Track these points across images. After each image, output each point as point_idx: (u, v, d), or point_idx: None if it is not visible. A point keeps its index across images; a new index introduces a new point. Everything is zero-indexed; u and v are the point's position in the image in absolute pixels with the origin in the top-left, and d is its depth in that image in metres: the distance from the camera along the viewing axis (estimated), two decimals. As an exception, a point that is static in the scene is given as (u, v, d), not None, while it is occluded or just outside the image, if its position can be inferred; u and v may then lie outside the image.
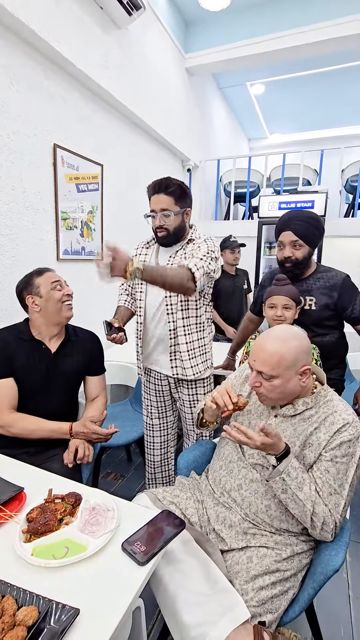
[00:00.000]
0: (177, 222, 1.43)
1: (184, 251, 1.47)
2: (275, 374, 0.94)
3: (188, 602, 0.81)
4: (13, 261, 1.84)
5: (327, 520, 0.90)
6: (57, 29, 1.83)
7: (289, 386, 0.96)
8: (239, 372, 1.27)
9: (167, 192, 1.38)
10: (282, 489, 0.91)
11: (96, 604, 0.68)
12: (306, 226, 1.45)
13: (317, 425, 0.97)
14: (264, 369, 0.95)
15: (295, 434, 0.99)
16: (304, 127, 5.88)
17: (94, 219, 2.43)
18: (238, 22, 3.18)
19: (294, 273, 1.51)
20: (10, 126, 1.75)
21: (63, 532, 0.83)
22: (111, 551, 0.80)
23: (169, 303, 1.47)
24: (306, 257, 1.48)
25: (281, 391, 0.97)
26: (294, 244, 1.46)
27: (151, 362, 1.61)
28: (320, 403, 1.00)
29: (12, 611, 0.63)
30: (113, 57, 2.32)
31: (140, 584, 0.73)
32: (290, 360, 0.94)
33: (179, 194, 1.40)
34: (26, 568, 0.75)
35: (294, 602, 0.93)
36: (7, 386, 1.31)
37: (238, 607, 0.80)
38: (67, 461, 1.23)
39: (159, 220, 1.42)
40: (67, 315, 1.39)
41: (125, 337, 1.48)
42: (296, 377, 0.96)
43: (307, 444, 0.97)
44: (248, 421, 1.11)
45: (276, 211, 3.26)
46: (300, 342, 0.97)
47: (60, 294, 1.36)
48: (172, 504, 1.07)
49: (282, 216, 1.52)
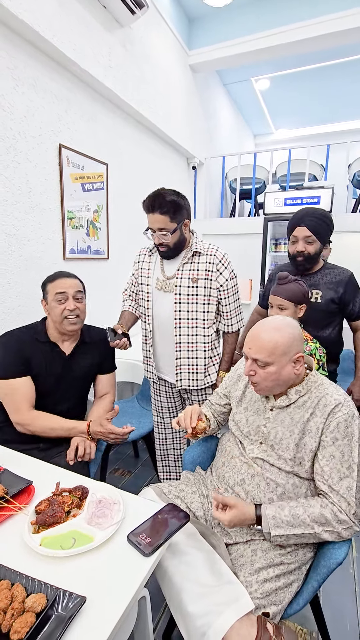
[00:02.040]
0: (175, 238, 1.43)
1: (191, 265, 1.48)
2: (270, 361, 0.96)
3: (193, 593, 0.83)
4: (20, 260, 1.87)
5: (340, 516, 0.89)
6: (61, 30, 1.85)
7: (283, 373, 0.97)
8: (232, 371, 1.29)
9: (162, 212, 1.36)
10: (285, 539, 0.91)
11: (102, 593, 0.70)
12: (319, 223, 1.54)
13: (312, 411, 0.98)
14: (259, 356, 0.97)
15: (293, 423, 1.00)
16: (310, 122, 5.81)
17: (100, 218, 2.44)
18: (242, 18, 3.15)
19: (304, 267, 1.60)
20: (16, 127, 1.77)
21: (70, 524, 0.85)
22: (117, 542, 0.82)
23: (177, 317, 1.50)
24: (317, 252, 1.58)
25: (275, 378, 0.98)
26: (307, 239, 1.55)
27: (159, 370, 1.64)
28: (312, 388, 1.02)
29: (22, 598, 0.65)
30: (117, 56, 2.33)
31: (145, 574, 0.74)
32: (285, 346, 0.96)
33: (174, 210, 1.37)
34: (35, 558, 0.77)
35: (298, 594, 0.94)
36: (26, 385, 1.32)
37: (242, 599, 0.82)
38: (68, 459, 1.24)
39: (158, 239, 1.42)
40: (70, 329, 1.36)
41: (129, 342, 1.49)
42: (290, 365, 0.97)
43: (306, 431, 0.98)
44: (245, 418, 1.11)
45: (282, 207, 3.23)
46: (293, 330, 0.99)
47: (61, 308, 1.32)
48: (178, 498, 1.09)
49: (297, 213, 1.62)
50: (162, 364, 1.62)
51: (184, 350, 1.53)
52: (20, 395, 1.30)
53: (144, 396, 2.22)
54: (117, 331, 1.47)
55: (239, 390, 1.18)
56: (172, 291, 1.49)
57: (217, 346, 1.63)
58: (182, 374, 1.55)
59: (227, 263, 1.49)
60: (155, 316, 1.56)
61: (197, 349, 1.53)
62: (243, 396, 1.16)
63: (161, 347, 1.59)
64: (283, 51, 3.15)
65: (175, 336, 1.51)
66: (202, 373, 1.55)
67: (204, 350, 1.53)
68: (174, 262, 1.52)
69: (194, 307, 1.49)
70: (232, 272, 1.51)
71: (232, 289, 1.51)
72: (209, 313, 1.51)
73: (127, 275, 1.74)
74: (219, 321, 1.58)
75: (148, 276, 1.57)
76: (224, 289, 1.49)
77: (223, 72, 4.31)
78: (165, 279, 1.52)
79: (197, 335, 1.51)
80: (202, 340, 1.52)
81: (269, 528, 0.90)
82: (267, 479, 1.00)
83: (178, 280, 1.48)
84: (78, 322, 1.37)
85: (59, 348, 1.39)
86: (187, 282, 1.47)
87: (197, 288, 1.47)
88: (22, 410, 1.30)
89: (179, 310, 1.49)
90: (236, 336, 1.61)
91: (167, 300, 1.51)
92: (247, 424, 1.09)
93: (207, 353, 1.54)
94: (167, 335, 1.54)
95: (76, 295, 1.36)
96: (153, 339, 1.59)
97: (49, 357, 1.37)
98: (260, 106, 5.28)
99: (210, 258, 1.47)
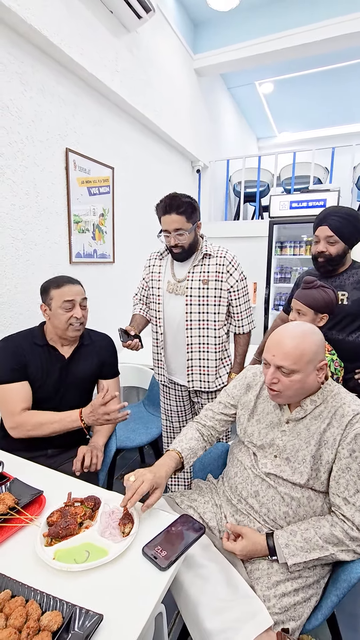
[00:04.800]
0: (190, 238, 1.45)
1: (202, 267, 1.49)
2: (297, 368, 0.91)
3: (210, 609, 0.80)
4: (27, 265, 1.86)
5: (351, 533, 0.86)
6: (69, 35, 1.85)
7: (308, 382, 0.94)
8: (237, 381, 1.20)
9: (179, 212, 1.38)
10: (304, 565, 0.88)
11: (119, 610, 0.68)
12: (344, 222, 1.41)
13: (329, 421, 0.95)
14: (284, 363, 0.92)
15: (310, 434, 0.96)
16: (314, 125, 5.81)
17: (106, 222, 2.44)
18: (246, 22, 3.16)
19: (326, 268, 1.49)
20: (24, 132, 1.77)
21: (83, 536, 0.83)
22: (132, 556, 0.80)
23: (188, 319, 1.50)
24: (340, 254, 1.45)
25: (300, 387, 0.94)
26: (329, 240, 1.44)
27: (171, 373, 1.63)
28: (328, 398, 0.98)
29: (37, 616, 0.63)
30: (123, 60, 2.33)
31: (163, 589, 0.72)
32: (311, 354, 0.92)
33: (190, 211, 1.40)
34: (48, 572, 0.75)
35: (316, 609, 0.91)
36: (21, 389, 1.29)
37: (261, 614, 0.79)
38: (74, 468, 1.20)
39: (174, 240, 1.43)
40: (72, 336, 1.35)
41: (141, 343, 1.49)
42: (314, 373, 0.94)
43: (323, 442, 0.94)
44: (258, 431, 1.06)
45: (287, 210, 3.22)
46: (318, 336, 0.96)
47: (67, 316, 1.30)
48: (190, 508, 1.06)
49: (322, 211, 1.50)
50: (173, 367, 1.61)
51: (195, 351, 1.53)
52: (15, 399, 1.27)
53: (151, 401, 2.19)
54: (129, 332, 1.46)
55: (250, 401, 1.12)
56: (183, 294, 1.50)
57: (228, 348, 1.63)
58: (193, 375, 1.55)
59: (237, 265, 1.51)
60: (167, 319, 1.56)
61: (208, 351, 1.53)
62: (255, 408, 1.10)
63: (172, 350, 1.59)
64: (287, 55, 3.16)
65: (186, 337, 1.52)
66: (213, 375, 1.55)
67: (215, 352, 1.53)
68: (185, 265, 1.53)
69: (205, 308, 1.49)
70: (242, 274, 1.52)
71: (243, 290, 1.53)
72: (219, 314, 1.51)
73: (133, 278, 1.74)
74: (230, 323, 1.57)
75: (159, 279, 1.57)
76: (234, 290, 1.50)
77: (227, 76, 4.32)
78: (177, 282, 1.52)
79: (208, 337, 1.52)
80: (213, 341, 1.52)
81: (285, 558, 0.87)
82: (282, 492, 0.97)
83: (189, 282, 1.49)
84: (82, 328, 1.36)
85: (57, 351, 1.37)
86: (197, 284, 1.48)
87: (207, 290, 1.48)
88: (15, 413, 1.26)
89: (190, 312, 1.49)
90: (248, 337, 1.59)
91: (178, 303, 1.52)
92: (260, 437, 1.05)
93: (218, 354, 1.54)
94: (179, 337, 1.54)
95: (82, 302, 1.34)
96: (164, 341, 1.59)
97: (47, 361, 1.35)
98: (263, 109, 5.29)
99: (220, 260, 1.48)
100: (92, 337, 1.47)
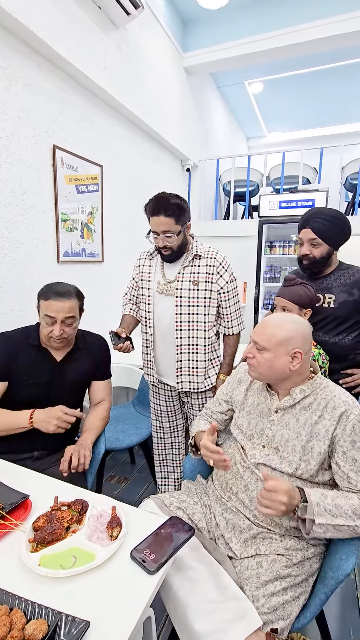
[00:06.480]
0: (179, 240, 1.44)
1: (192, 268, 1.48)
2: (267, 347, 0.99)
3: (199, 611, 0.80)
4: (13, 264, 1.82)
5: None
6: (56, 29, 1.82)
7: (277, 364, 0.98)
8: (233, 375, 1.26)
9: (167, 214, 1.36)
10: (324, 530, 0.86)
11: (106, 616, 0.67)
12: (327, 225, 1.40)
13: (320, 414, 0.97)
14: (258, 339, 1.01)
15: (299, 425, 0.99)
16: (303, 125, 5.86)
17: (94, 220, 2.41)
18: (236, 21, 3.16)
19: (312, 271, 1.49)
20: (9, 128, 1.73)
21: (70, 541, 0.81)
22: (120, 560, 0.78)
23: (178, 320, 1.49)
24: (324, 256, 1.44)
25: (269, 366, 0.99)
26: (312, 242, 1.43)
27: (160, 374, 1.62)
28: (317, 390, 1.02)
29: (21, 625, 0.61)
30: (111, 57, 2.30)
31: (151, 593, 0.71)
32: (283, 337, 0.98)
33: (179, 213, 1.38)
34: (33, 579, 0.73)
35: (305, 607, 0.92)
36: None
37: (250, 615, 0.79)
38: (61, 468, 1.17)
39: (162, 242, 1.41)
40: (55, 347, 1.31)
41: (132, 345, 1.49)
42: (286, 357, 0.98)
43: (314, 434, 0.96)
44: (248, 422, 1.09)
45: (277, 210, 3.24)
46: (298, 326, 1.00)
47: (47, 330, 1.26)
48: (180, 510, 1.06)
49: (305, 213, 1.48)
50: (163, 367, 1.60)
51: (185, 352, 1.52)
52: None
53: (141, 401, 2.18)
54: (120, 335, 1.45)
55: (241, 394, 1.16)
56: (173, 294, 1.48)
57: (217, 349, 1.62)
58: (182, 376, 1.55)
59: (227, 266, 1.50)
60: (156, 320, 1.54)
61: (197, 352, 1.52)
62: (245, 400, 1.14)
63: (161, 350, 1.57)
64: (276, 55, 3.17)
65: (176, 339, 1.51)
66: (202, 375, 1.54)
67: (205, 353, 1.52)
68: (175, 265, 1.51)
69: (195, 309, 1.49)
70: (232, 275, 1.51)
71: (233, 292, 1.52)
72: (209, 315, 1.50)
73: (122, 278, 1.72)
74: (219, 324, 1.57)
75: (149, 280, 1.55)
76: (224, 291, 1.49)
77: (217, 75, 4.31)
78: (167, 283, 1.51)
79: (198, 338, 1.51)
80: (203, 342, 1.51)
81: (314, 515, 0.84)
82: None
83: (179, 283, 1.48)
84: (64, 343, 1.31)
85: (49, 354, 1.34)
86: (187, 285, 1.47)
87: (197, 291, 1.47)
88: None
89: (180, 313, 1.48)
90: (237, 339, 1.59)
91: (168, 304, 1.50)
92: (250, 427, 1.08)
93: (207, 355, 1.53)
94: (168, 338, 1.53)
95: (65, 320, 1.26)
96: (154, 342, 1.58)
97: (38, 362, 1.32)
98: (253, 109, 5.30)
99: (210, 261, 1.47)
100: (86, 340, 1.44)
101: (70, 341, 1.35)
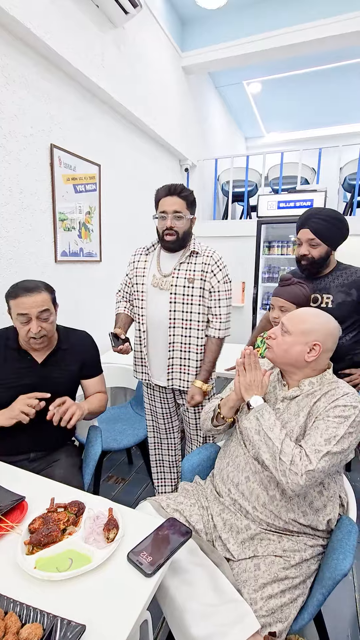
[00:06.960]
0: (186, 227, 1.46)
1: (188, 265, 1.47)
2: (291, 331, 1.03)
3: (196, 614, 0.79)
4: (10, 263, 1.81)
5: (296, 459, 0.89)
6: (53, 28, 1.80)
7: (293, 349, 1.02)
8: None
9: (181, 195, 1.42)
10: (256, 430, 0.97)
11: (102, 619, 0.66)
12: (326, 225, 1.40)
13: (319, 397, 1.00)
14: (287, 322, 1.06)
15: (299, 408, 1.01)
16: (302, 126, 5.86)
17: (92, 220, 2.40)
18: (235, 20, 3.16)
19: (310, 271, 1.48)
20: (6, 126, 1.72)
21: (66, 543, 0.81)
22: (116, 562, 0.78)
23: (172, 317, 1.48)
24: (323, 256, 1.43)
25: (285, 349, 1.04)
26: (310, 242, 1.42)
27: (151, 374, 1.60)
28: (325, 383, 1.03)
29: (16, 629, 0.61)
30: (109, 56, 2.29)
31: (148, 596, 0.71)
32: (308, 328, 1.02)
33: (191, 200, 1.46)
34: (29, 582, 0.73)
35: (303, 609, 0.91)
36: None
37: (248, 618, 0.78)
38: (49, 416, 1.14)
39: (171, 222, 1.42)
40: (38, 348, 1.26)
41: (130, 346, 1.48)
42: (304, 347, 1.01)
43: (310, 414, 0.98)
44: None
45: (275, 210, 3.23)
46: (327, 324, 1.03)
47: (25, 330, 1.19)
48: (177, 512, 1.05)
49: (303, 213, 1.48)
50: (154, 365, 1.58)
51: (177, 350, 1.50)
52: None
53: (138, 402, 2.17)
54: (120, 337, 1.44)
55: None
56: (168, 289, 1.47)
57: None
58: (173, 374, 1.53)
59: (222, 266, 1.48)
60: (150, 316, 1.52)
61: (189, 350, 1.50)
62: None
63: (154, 348, 1.55)
64: (275, 55, 3.17)
65: (168, 336, 1.49)
66: (193, 375, 1.52)
67: (197, 353, 1.50)
68: (172, 259, 1.50)
69: (189, 307, 1.47)
70: (225, 277, 1.49)
71: (224, 293, 1.48)
72: (203, 315, 1.49)
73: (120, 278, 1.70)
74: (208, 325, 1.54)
75: (143, 275, 1.54)
76: (215, 290, 1.47)
77: (215, 75, 4.31)
78: (162, 276, 1.49)
79: (191, 337, 1.49)
80: (196, 342, 1.50)
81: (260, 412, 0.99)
82: (269, 477, 0.99)
83: (174, 279, 1.46)
84: (45, 341, 1.25)
85: (29, 356, 1.28)
86: (183, 282, 1.45)
87: (193, 289, 1.46)
88: None
89: (174, 310, 1.46)
90: (220, 344, 1.52)
91: (162, 299, 1.48)
92: None
93: (199, 355, 1.51)
94: (161, 335, 1.51)
95: (40, 315, 1.19)
96: (147, 339, 1.55)
97: (18, 365, 1.26)
98: (251, 109, 5.30)
99: (206, 259, 1.46)
100: (70, 339, 1.38)
101: (51, 340, 1.30)
